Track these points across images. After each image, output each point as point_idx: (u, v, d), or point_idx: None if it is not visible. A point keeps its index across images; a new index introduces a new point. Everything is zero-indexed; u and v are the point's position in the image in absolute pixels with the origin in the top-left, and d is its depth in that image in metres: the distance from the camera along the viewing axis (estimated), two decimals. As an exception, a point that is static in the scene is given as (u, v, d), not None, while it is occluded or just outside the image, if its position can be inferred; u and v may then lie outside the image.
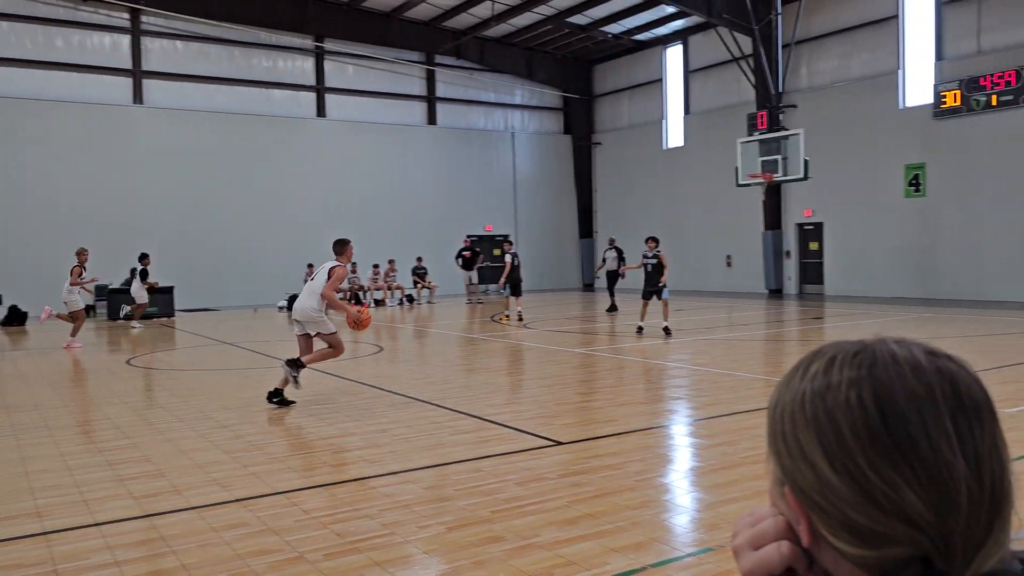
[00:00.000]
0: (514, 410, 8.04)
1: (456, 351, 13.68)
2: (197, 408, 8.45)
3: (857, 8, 23.06)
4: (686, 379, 10.09)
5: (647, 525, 4.64)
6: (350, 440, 6.78)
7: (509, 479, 5.56)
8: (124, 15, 24.22)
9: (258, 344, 14.75)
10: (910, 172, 21.92)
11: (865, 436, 0.73)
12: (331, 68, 27.56)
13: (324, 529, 4.60)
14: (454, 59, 29.42)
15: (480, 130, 30.47)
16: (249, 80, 26.12)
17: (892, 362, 0.75)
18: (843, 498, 0.73)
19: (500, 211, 30.62)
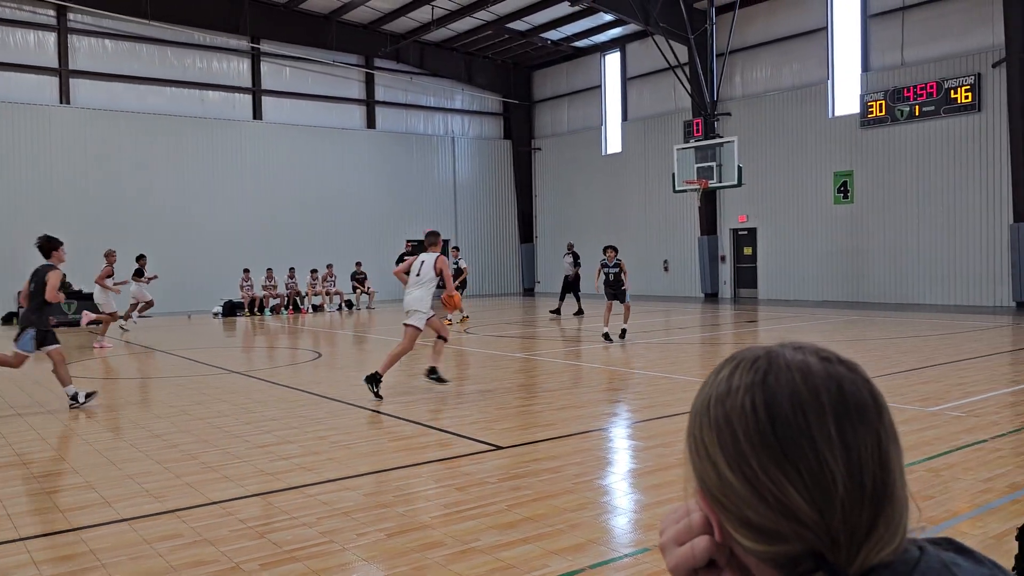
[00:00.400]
0: (454, 415, 8.04)
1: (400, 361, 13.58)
2: (128, 418, 8.23)
3: (788, 19, 23.72)
4: (624, 382, 10.23)
5: (586, 527, 4.69)
6: (288, 448, 6.69)
7: (449, 484, 5.57)
8: (50, 12, 23.46)
9: (192, 351, 14.43)
10: (839, 179, 22.62)
11: (757, 439, 0.77)
12: (267, 70, 27.13)
13: (261, 539, 4.53)
14: (394, 63, 29.28)
15: (420, 134, 30.38)
16: (182, 81, 25.55)
17: (785, 368, 0.79)
18: (740, 497, 0.78)
19: (440, 216, 30.55)
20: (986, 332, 14.48)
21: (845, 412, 0.77)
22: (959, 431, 6.82)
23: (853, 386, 0.79)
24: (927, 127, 20.72)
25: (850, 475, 0.75)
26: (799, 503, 0.75)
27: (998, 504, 4.91)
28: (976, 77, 19.72)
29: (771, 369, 0.80)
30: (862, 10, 22.10)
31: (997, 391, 8.69)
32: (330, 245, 26.85)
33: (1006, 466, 5.75)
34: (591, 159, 30.25)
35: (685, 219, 26.20)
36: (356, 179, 28.38)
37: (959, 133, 20.19)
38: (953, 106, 20.14)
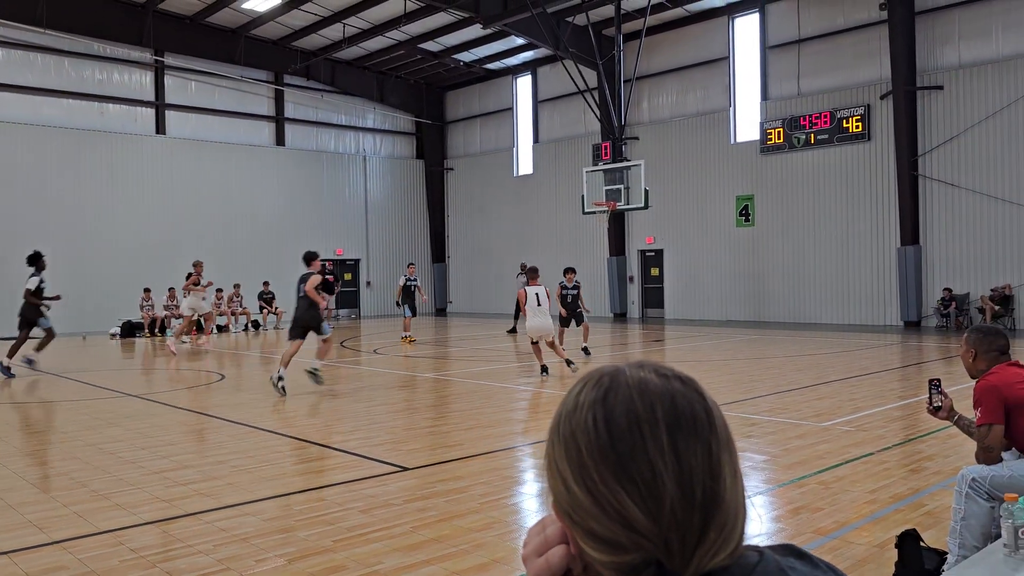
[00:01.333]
0: (361, 437, 7.93)
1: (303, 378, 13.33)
2: (12, 444, 7.80)
3: (693, 48, 24.57)
4: (532, 402, 10.30)
5: (490, 547, 4.70)
6: (185, 473, 6.46)
7: (353, 507, 5.49)
8: (-66, 17, 22.24)
9: (86, 374, 13.79)
10: (741, 203, 23.47)
11: (597, 453, 0.81)
12: (172, 84, 26.37)
13: (152, 568, 4.36)
14: (304, 80, 28.90)
15: (331, 153, 30.02)
16: (80, 93, 24.56)
17: (624, 385, 0.84)
18: (585, 510, 0.81)
19: (352, 235, 30.22)
20: (876, 350, 15.23)
21: (678, 425, 0.81)
22: (849, 445, 7.13)
23: (685, 400, 0.83)
24: (822, 154, 21.75)
25: (680, 484, 0.79)
26: (636, 514, 0.79)
27: (883, 514, 5.16)
28: (866, 108, 20.85)
29: (612, 387, 0.84)
30: (761, 41, 23.10)
31: (885, 406, 9.14)
32: (237, 264, 26.15)
33: (891, 478, 6.05)
34: (503, 180, 30.52)
35: (594, 240, 26.68)
36: (264, 197, 27.79)
37: (851, 161, 21.27)
38: (845, 135, 21.22)
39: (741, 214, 23.47)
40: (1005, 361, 4.04)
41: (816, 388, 10.48)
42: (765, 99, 23.04)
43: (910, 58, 19.87)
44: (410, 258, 31.80)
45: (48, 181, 23.59)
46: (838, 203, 21.52)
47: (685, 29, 24.62)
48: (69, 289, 23.24)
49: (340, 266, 29.67)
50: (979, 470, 3.85)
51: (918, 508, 5.28)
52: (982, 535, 3.75)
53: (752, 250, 23.24)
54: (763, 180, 22.97)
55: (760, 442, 7.31)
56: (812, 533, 4.80)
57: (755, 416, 8.55)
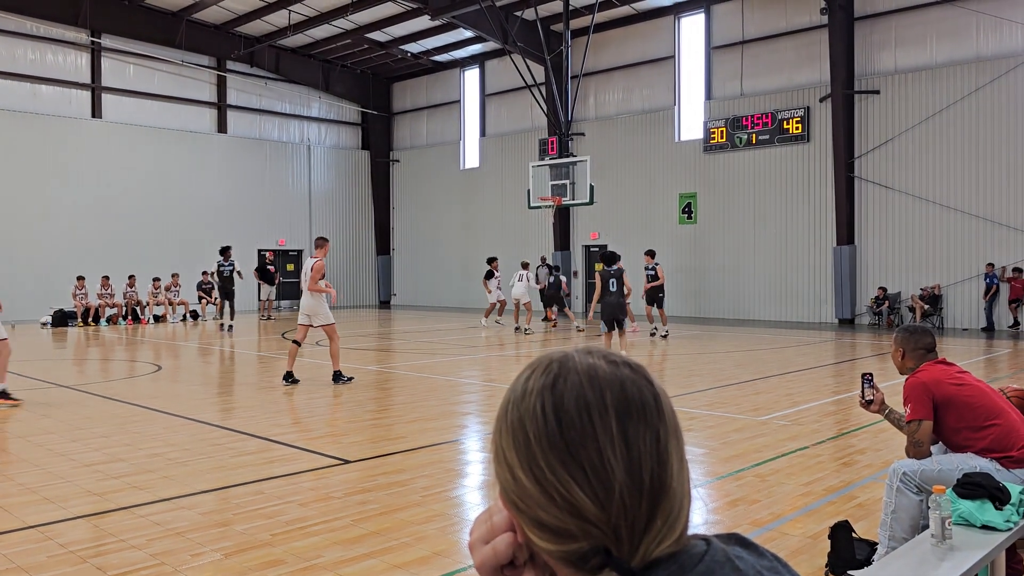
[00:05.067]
0: (302, 429, 7.83)
1: (244, 370, 13.11)
2: (-66, 436, 7.50)
3: (640, 47, 24.80)
4: (476, 395, 10.30)
5: (432, 539, 4.69)
6: (118, 466, 6.29)
7: (293, 500, 5.41)
8: None
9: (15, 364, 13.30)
10: (684, 200, 23.81)
11: (545, 442, 0.80)
12: (109, 66, 25.58)
13: (83, 564, 4.24)
14: (247, 66, 28.33)
15: (274, 141, 29.50)
16: (11, 73, 23.66)
17: (574, 372, 0.83)
18: (533, 498, 0.81)
19: (295, 225, 29.76)
20: (812, 347, 15.62)
21: (627, 412, 0.81)
22: (785, 439, 7.30)
23: (635, 387, 0.83)
24: (763, 154, 22.19)
25: (629, 471, 0.79)
26: (584, 501, 0.78)
27: (817, 506, 5.30)
28: (806, 110, 21.32)
29: (561, 373, 0.83)
30: (706, 42, 23.43)
31: (819, 401, 9.38)
32: (176, 252, 25.54)
33: (825, 471, 6.22)
34: (449, 173, 30.39)
35: (539, 235, 26.76)
36: (205, 185, 27.17)
37: (791, 161, 21.75)
38: (785, 136, 21.68)
39: (684, 211, 23.80)
40: (932, 359, 4.18)
41: (754, 383, 10.70)
42: (709, 99, 23.39)
43: (848, 62, 20.38)
44: (355, 249, 31.50)
45: (-25, 164, 22.67)
46: (777, 202, 21.99)
47: (632, 27, 24.83)
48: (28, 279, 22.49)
49: (283, 256, 29.20)
50: (910, 464, 3.98)
51: (850, 500, 5.43)
52: (911, 527, 3.87)
53: (694, 247, 23.60)
54: (706, 178, 23.34)
55: (699, 435, 7.43)
56: (749, 524, 4.90)
57: (695, 410, 8.69)
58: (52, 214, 23.80)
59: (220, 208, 27.34)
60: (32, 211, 23.43)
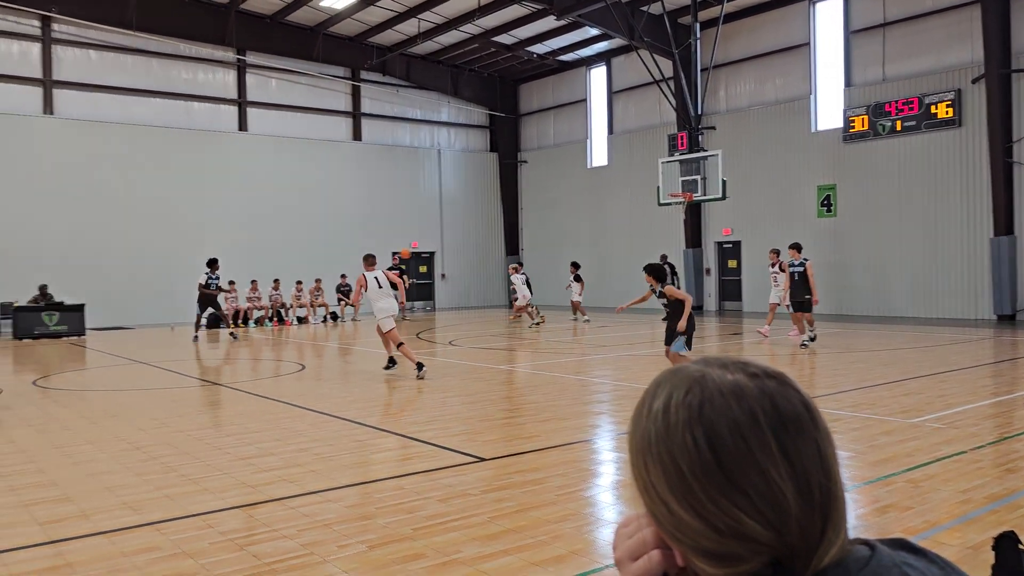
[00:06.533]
0: (437, 427, 8.02)
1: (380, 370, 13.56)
2: (108, 430, 8.16)
3: (772, 35, 23.95)
4: (608, 394, 10.24)
5: (568, 538, 4.69)
6: (269, 460, 6.65)
7: (432, 496, 5.55)
8: (34, 22, 23.37)
9: (173, 363, 14.32)
10: (822, 193, 22.80)
11: (702, 474, 0.77)
12: (253, 81, 27.11)
13: (240, 551, 4.50)
14: (380, 75, 29.34)
15: (406, 147, 30.41)
16: (168, 92, 25.48)
17: (719, 395, 0.79)
18: (693, 529, 0.78)
19: (426, 228, 30.57)
20: (967, 345, 14.61)
21: (783, 427, 0.77)
22: (939, 442, 6.87)
23: (784, 399, 0.79)
24: (908, 142, 20.94)
25: (799, 490, 0.76)
26: (753, 527, 0.76)
27: (977, 515, 4.95)
28: (956, 93, 19.96)
29: (705, 397, 0.80)
30: (844, 26, 22.35)
31: (977, 403, 8.76)
32: (316, 257, 26.77)
33: (985, 477, 5.80)
34: (577, 172, 30.38)
35: (670, 232, 26.32)
36: (342, 191, 28.35)
37: (940, 148, 20.41)
38: (934, 121, 20.37)
39: (823, 204, 22.80)
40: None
41: (903, 383, 10.12)
42: (848, 85, 22.29)
43: (1004, 39, 18.92)
44: (484, 251, 32.00)
45: (139, 177, 24.56)
46: (926, 192, 20.70)
47: (764, 15, 24.01)
48: (156, 281, 24.27)
49: (416, 258, 30.04)
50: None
51: (1016, 509, 5.04)
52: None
53: (834, 241, 22.55)
54: (845, 169, 22.26)
55: (845, 438, 7.10)
56: (900, 532, 4.64)
57: (839, 412, 8.31)
58: (205, 222, 25.44)
59: (355, 213, 28.44)
60: (188, 220, 25.14)
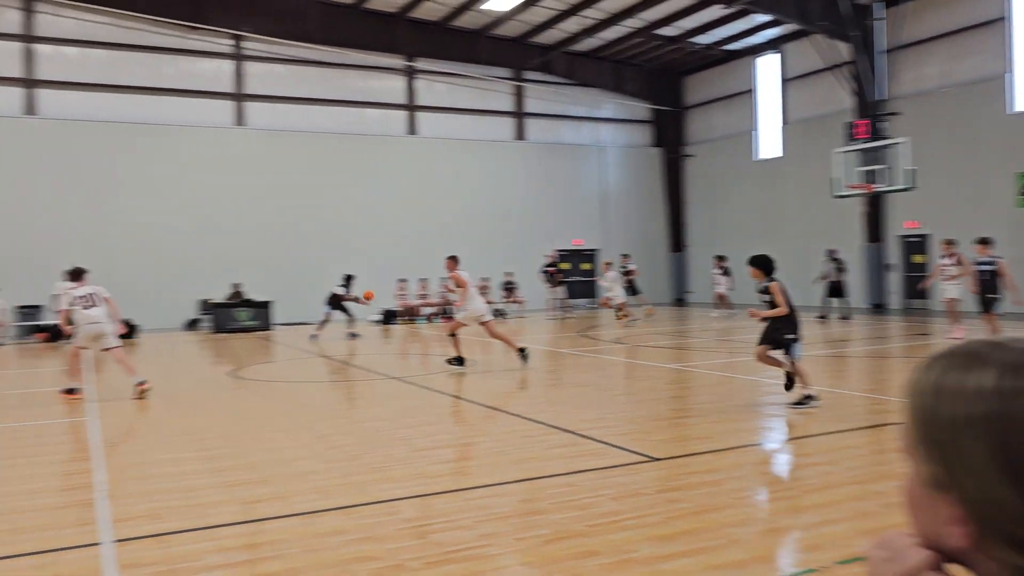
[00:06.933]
0: (606, 425, 7.98)
1: (545, 365, 13.69)
2: (296, 419, 8.72)
3: (961, 10, 22.11)
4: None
5: (747, 544, 4.53)
6: (444, 452, 6.87)
7: (604, 494, 5.53)
8: (228, 41, 25.36)
9: (352, 357, 15.09)
10: (1022, 180, 20.82)
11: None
12: (421, 86, 28.14)
13: (422, 539, 4.67)
14: (542, 74, 29.63)
15: (569, 144, 30.55)
16: (343, 100, 26.94)
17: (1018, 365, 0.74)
18: (1012, 514, 0.71)
19: (589, 226, 30.57)
20: None
21: None
22: None
23: None
24: None
25: None
26: None
27: None
28: None
29: (1016, 366, 0.74)
30: (1049, -5, 20.28)
31: None
32: (481, 255, 27.42)
33: None
34: (744, 164, 29.37)
35: (845, 226, 24.91)
36: (506, 190, 28.89)
37: None
38: None
39: (1022, 193, 20.81)
40: None
41: None
42: (1054, 60, 20.21)
43: None
44: (649, 247, 31.62)
45: (318, 182, 26.12)
46: None
47: (953, -11, 22.21)
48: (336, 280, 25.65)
49: (577, 256, 30.12)
50: None
51: None
52: None
53: (1037, 233, 20.52)
54: (1051, 153, 20.18)
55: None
56: None
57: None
58: (378, 222, 26.70)
59: (519, 212, 28.88)
60: (362, 221, 26.47)
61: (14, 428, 8.59)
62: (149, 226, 23.95)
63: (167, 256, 23.76)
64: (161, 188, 24.19)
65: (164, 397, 10.48)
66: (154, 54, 24.47)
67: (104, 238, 23.34)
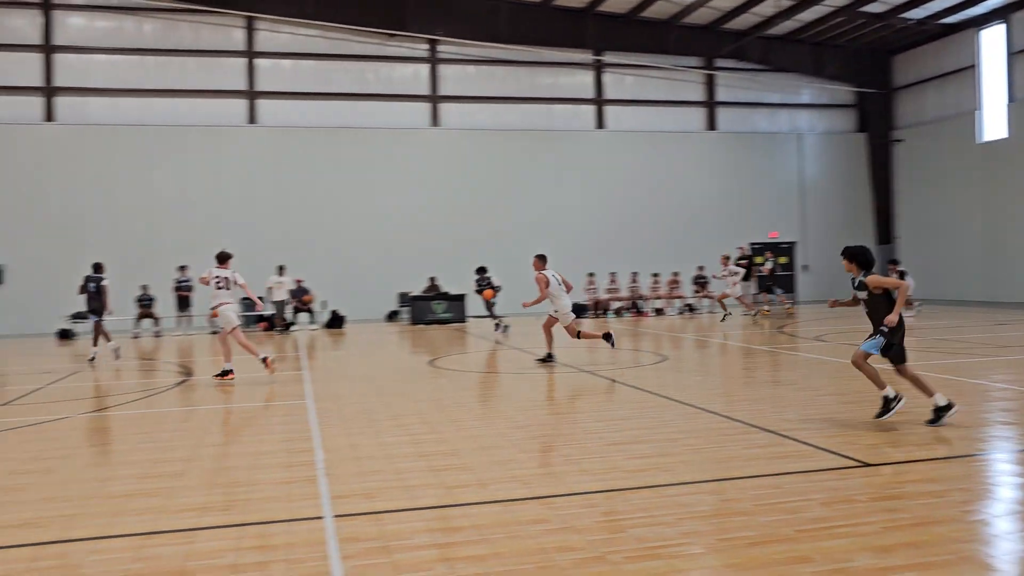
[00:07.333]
0: (812, 427, 7.57)
1: (741, 362, 13.23)
2: (494, 408, 8.96)
3: None
4: (1013, 403, 8.89)
5: (979, 563, 4.13)
6: (640, 447, 6.79)
7: (813, 498, 5.24)
8: (424, 47, 26.51)
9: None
10: None
11: None
12: (610, 80, 28.06)
13: (623, 532, 4.63)
14: (735, 61, 28.63)
15: (763, 133, 29.34)
16: (532, 97, 27.39)
17: None
18: None
19: (784, 217, 29.23)
20: None
21: None
22: None
23: None
24: None
25: None
26: None
27: None
28: None
29: None
30: None
31: None
32: (672, 249, 26.98)
33: None
34: (965, 148, 26.89)
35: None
36: (697, 182, 28.23)
37: None
38: None
39: None
40: None
41: None
42: None
43: None
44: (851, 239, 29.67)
45: (510, 178, 26.74)
46: None
47: None
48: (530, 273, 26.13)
49: (774, 249, 28.88)
50: None
51: None
52: None
53: None
54: None
55: None
56: None
57: None
58: (568, 217, 26.92)
59: (710, 204, 28.12)
60: (553, 216, 26.79)
61: (242, 408, 9.45)
62: (354, 224, 25.56)
63: (370, 252, 25.28)
64: (362, 188, 25.74)
65: (369, 383, 11.13)
66: (357, 62, 26.05)
67: (316, 236, 25.20)
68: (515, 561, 4.21)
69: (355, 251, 25.28)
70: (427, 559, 4.27)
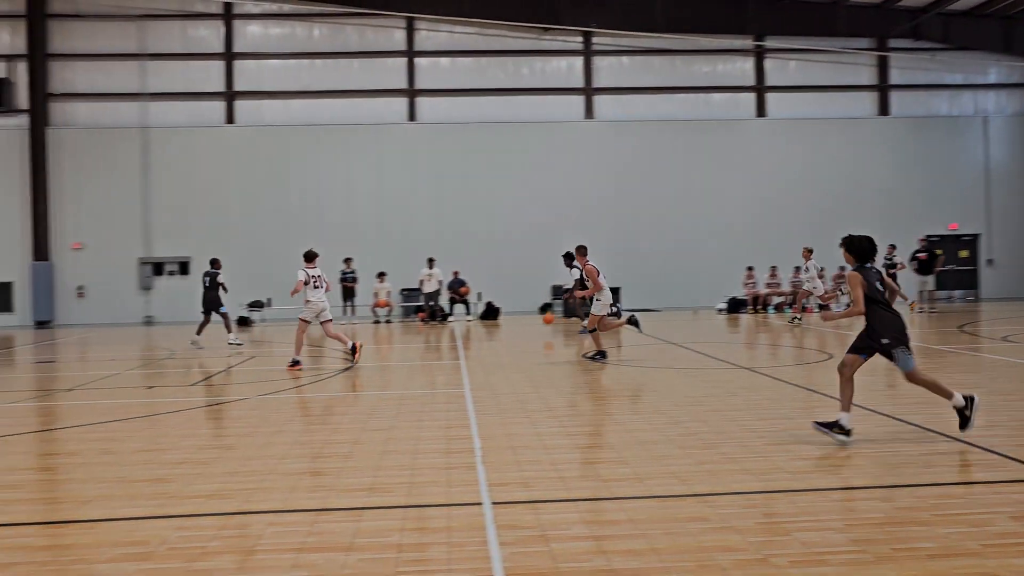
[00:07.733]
0: (1001, 433, 6.98)
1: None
2: (649, 403, 8.84)
3: None
4: None
5: None
6: (805, 448, 6.50)
7: (1001, 511, 4.82)
8: (578, 39, 26.48)
9: (699, 345, 14.97)
10: None
11: None
12: (771, 66, 26.98)
13: (786, 535, 4.45)
14: (911, 41, 26.76)
15: (943, 117, 27.29)
16: (689, 87, 26.76)
17: None
18: None
19: (966, 208, 27.06)
20: None
21: None
22: None
23: None
24: None
25: None
26: None
27: None
28: None
29: None
30: None
31: None
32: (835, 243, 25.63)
33: None
34: None
35: None
36: (866, 170, 26.65)
37: None
38: None
39: None
40: None
41: None
42: None
43: None
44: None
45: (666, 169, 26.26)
46: None
47: None
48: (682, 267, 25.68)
49: (954, 242, 26.85)
50: None
51: None
52: None
53: None
54: None
55: None
56: None
57: None
58: (726, 209, 26.15)
59: (881, 194, 26.49)
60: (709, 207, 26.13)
61: (402, 395, 9.82)
62: (508, 217, 25.95)
63: (524, 244, 25.57)
64: (517, 181, 26.06)
65: (523, 373, 11.27)
66: (512, 57, 26.38)
67: (471, 228, 25.80)
68: (673, 558, 4.14)
69: (509, 243, 25.67)
70: (584, 551, 4.27)
